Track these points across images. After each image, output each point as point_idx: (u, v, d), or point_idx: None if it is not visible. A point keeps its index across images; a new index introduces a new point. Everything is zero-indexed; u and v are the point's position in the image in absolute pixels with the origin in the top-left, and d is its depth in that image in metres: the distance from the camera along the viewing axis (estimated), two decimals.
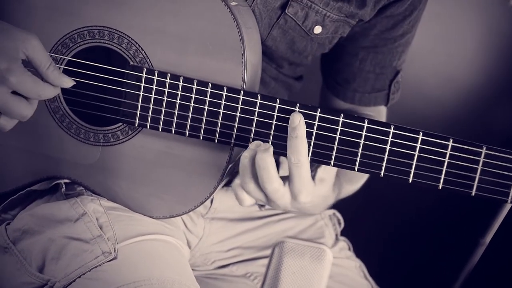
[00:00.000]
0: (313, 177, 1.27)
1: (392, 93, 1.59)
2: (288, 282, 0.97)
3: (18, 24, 1.30)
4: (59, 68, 1.34)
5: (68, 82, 1.28)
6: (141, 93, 1.31)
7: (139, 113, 1.32)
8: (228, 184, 1.57)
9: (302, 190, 1.25)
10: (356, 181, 1.58)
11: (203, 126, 1.30)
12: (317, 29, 1.42)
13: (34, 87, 1.24)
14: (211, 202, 1.54)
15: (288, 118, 1.25)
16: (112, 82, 1.33)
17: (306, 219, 1.65)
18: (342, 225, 1.69)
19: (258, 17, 1.39)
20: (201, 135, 1.30)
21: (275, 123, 1.28)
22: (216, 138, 1.30)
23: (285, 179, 1.26)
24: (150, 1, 1.30)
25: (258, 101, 1.28)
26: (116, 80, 1.32)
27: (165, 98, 1.31)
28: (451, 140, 1.23)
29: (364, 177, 1.58)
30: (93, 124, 1.36)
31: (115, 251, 1.28)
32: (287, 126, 1.25)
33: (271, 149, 1.23)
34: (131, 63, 1.32)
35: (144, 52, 1.32)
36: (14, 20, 1.32)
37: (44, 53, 1.25)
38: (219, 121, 1.29)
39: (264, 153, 1.22)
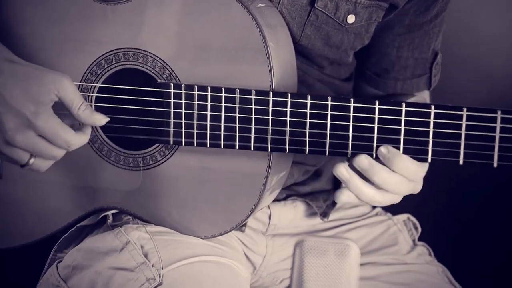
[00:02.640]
0: None
1: (433, 76, 1.51)
2: (313, 284, 0.88)
3: (49, 62, 1.30)
4: (91, 101, 1.31)
5: (102, 120, 1.26)
6: (172, 110, 1.26)
7: (173, 130, 1.27)
8: (286, 198, 1.49)
9: (417, 181, 1.22)
10: None
11: (237, 134, 1.23)
12: (351, 18, 1.34)
13: (62, 133, 1.21)
14: (269, 218, 1.46)
15: (322, 113, 1.19)
16: (144, 102, 1.29)
17: (377, 227, 1.55)
18: (419, 229, 1.57)
19: (288, 17, 1.32)
20: (236, 144, 1.24)
21: (309, 121, 1.20)
22: (252, 145, 1.23)
23: None
24: (167, 17, 1.26)
25: (289, 100, 1.20)
26: (147, 100, 1.28)
27: (195, 112, 1.25)
28: (499, 112, 1.11)
29: None
30: (131, 148, 1.33)
31: (159, 276, 1.23)
32: (323, 123, 1.19)
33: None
34: (158, 80, 1.27)
35: (170, 67, 1.27)
36: (43, 60, 1.31)
37: (75, 93, 1.23)
38: (252, 126, 1.22)
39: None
